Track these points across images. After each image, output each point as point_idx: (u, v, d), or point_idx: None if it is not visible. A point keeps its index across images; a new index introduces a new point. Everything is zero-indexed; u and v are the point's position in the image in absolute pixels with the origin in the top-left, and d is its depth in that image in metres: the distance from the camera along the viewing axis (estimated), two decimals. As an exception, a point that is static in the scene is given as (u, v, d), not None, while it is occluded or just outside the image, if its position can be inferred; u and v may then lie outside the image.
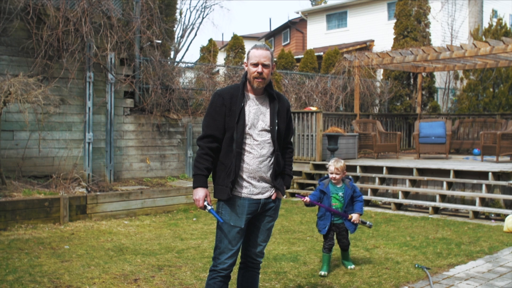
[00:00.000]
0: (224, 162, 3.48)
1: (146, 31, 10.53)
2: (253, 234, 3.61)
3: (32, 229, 7.20)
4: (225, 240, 3.48)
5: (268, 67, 3.49)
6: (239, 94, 3.50)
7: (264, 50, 3.49)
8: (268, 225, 3.64)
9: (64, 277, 4.92)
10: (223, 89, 3.59)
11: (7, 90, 7.76)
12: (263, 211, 3.58)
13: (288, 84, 13.76)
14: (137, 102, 10.47)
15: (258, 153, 3.49)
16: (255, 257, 3.67)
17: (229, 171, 3.44)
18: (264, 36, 31.75)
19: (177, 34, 15.03)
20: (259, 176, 3.51)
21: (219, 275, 3.50)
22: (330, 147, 11.45)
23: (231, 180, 3.42)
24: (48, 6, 8.92)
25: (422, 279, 5.04)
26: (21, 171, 8.72)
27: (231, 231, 3.48)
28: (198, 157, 3.48)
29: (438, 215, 8.96)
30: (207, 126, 3.50)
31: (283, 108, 3.63)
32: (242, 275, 3.73)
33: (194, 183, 3.50)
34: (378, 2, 21.84)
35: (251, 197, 3.50)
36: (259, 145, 3.50)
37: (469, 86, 16.15)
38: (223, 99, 3.48)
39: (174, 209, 9.08)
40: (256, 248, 3.64)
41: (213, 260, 3.56)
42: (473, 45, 11.71)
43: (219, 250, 3.51)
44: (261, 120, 3.53)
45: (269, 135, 3.53)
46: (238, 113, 3.44)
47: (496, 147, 11.14)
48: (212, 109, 3.50)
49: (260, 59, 3.46)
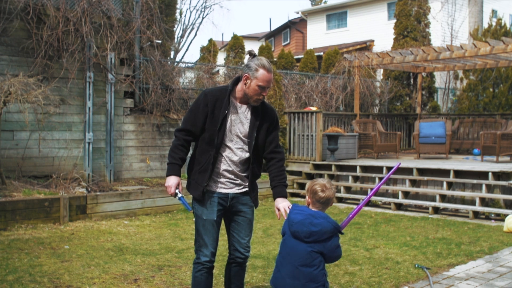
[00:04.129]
0: (199, 159, 3.66)
1: (146, 31, 10.52)
2: (235, 229, 3.78)
3: (32, 229, 7.20)
4: (201, 233, 3.66)
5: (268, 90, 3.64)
6: (225, 100, 3.60)
7: (271, 74, 3.58)
8: (247, 219, 3.78)
9: (64, 277, 4.92)
10: (211, 90, 3.71)
11: (7, 90, 7.76)
12: (237, 205, 3.71)
13: (288, 84, 13.76)
14: (137, 102, 10.47)
15: (230, 158, 3.64)
16: (243, 252, 3.81)
17: (203, 170, 3.60)
18: (264, 36, 31.73)
19: (177, 34, 15.03)
20: (229, 175, 3.66)
21: (204, 267, 3.67)
22: (330, 147, 11.45)
23: (206, 182, 3.60)
24: (48, 6, 8.92)
25: (422, 279, 5.04)
26: (21, 171, 8.72)
27: (205, 224, 3.64)
28: (174, 147, 3.68)
29: (438, 215, 8.96)
30: (186, 121, 3.68)
31: (268, 121, 3.70)
32: (230, 269, 3.89)
33: (167, 171, 3.68)
34: (378, 2, 21.84)
35: (220, 191, 3.65)
36: (232, 151, 3.64)
37: (469, 86, 16.15)
38: (208, 100, 3.61)
39: (174, 209, 9.08)
40: (241, 243, 3.79)
41: (195, 253, 3.72)
42: (473, 45, 11.71)
43: (198, 244, 3.69)
44: (238, 128, 3.65)
45: (243, 145, 3.66)
46: (221, 119, 3.57)
47: (496, 147, 11.14)
48: (196, 107, 3.66)
49: (269, 83, 3.57)
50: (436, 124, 12.57)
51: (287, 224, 3.34)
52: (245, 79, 3.57)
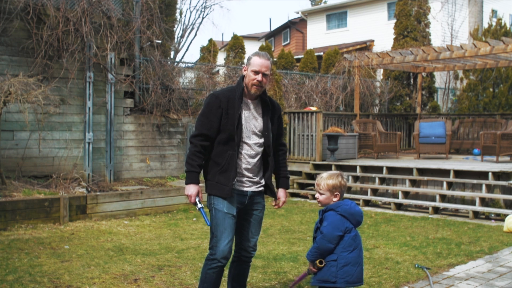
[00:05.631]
0: (217, 161, 3.65)
1: (146, 31, 10.52)
2: (245, 228, 3.80)
3: (32, 229, 7.20)
4: (220, 227, 3.62)
5: (267, 76, 3.66)
6: (236, 98, 3.65)
7: (265, 59, 3.64)
8: (258, 218, 3.84)
9: (64, 277, 4.91)
10: (220, 92, 3.75)
11: (7, 90, 7.76)
12: (251, 204, 3.76)
13: (288, 84, 13.76)
14: (137, 102, 10.47)
15: (248, 154, 3.68)
16: (249, 250, 3.85)
17: (224, 170, 3.61)
18: (264, 36, 31.72)
19: (177, 34, 15.05)
20: (248, 173, 3.70)
21: (218, 265, 3.63)
22: (330, 147, 11.45)
23: (232, 182, 3.60)
24: (48, 6, 8.92)
25: (422, 279, 5.04)
26: (21, 171, 8.72)
27: (226, 218, 3.63)
28: (191, 154, 3.65)
29: (438, 215, 8.96)
30: (201, 126, 3.65)
31: (275, 114, 3.84)
32: (234, 268, 3.90)
33: (187, 179, 3.66)
34: (378, 2, 21.84)
35: (240, 189, 3.69)
36: (250, 147, 3.69)
37: (469, 86, 16.15)
38: (220, 101, 3.63)
39: (174, 209, 9.07)
40: (250, 241, 3.82)
41: (210, 249, 3.67)
42: (473, 45, 11.71)
43: (216, 239, 3.63)
44: (253, 124, 3.71)
45: (259, 139, 3.72)
46: (237, 117, 3.60)
47: (496, 147, 11.14)
48: (208, 110, 3.65)
49: (262, 68, 3.62)
50: (436, 124, 12.57)
51: (351, 218, 3.43)
52: (243, 72, 3.71)
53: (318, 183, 3.54)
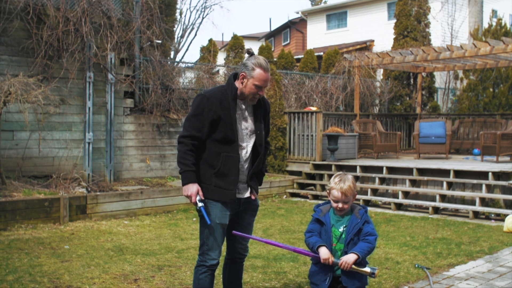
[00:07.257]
0: (211, 163, 3.53)
1: (146, 31, 10.52)
2: (238, 231, 3.74)
3: (32, 229, 7.20)
4: (212, 237, 3.57)
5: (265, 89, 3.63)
6: (230, 100, 3.52)
7: (268, 73, 3.53)
8: (250, 221, 3.83)
9: (64, 277, 4.91)
10: (211, 93, 3.56)
11: (7, 90, 7.76)
12: (244, 209, 3.72)
13: (288, 84, 13.76)
14: (137, 102, 10.47)
15: (241, 156, 3.59)
16: (242, 252, 3.84)
17: (221, 173, 3.51)
18: (264, 36, 31.73)
19: (177, 34, 15.05)
20: (243, 178, 3.64)
21: (210, 270, 3.62)
22: (330, 147, 11.45)
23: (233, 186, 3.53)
24: (48, 6, 8.91)
25: (422, 279, 5.04)
26: (21, 171, 8.72)
27: (217, 228, 3.57)
28: (183, 154, 3.49)
29: (438, 215, 8.96)
30: (192, 127, 3.49)
31: (267, 112, 3.78)
32: (228, 269, 3.90)
33: (184, 180, 3.51)
34: (378, 2, 21.84)
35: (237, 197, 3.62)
36: (243, 149, 3.61)
37: (469, 86, 16.15)
38: (212, 103, 3.48)
39: (174, 209, 9.08)
40: (242, 244, 3.82)
41: (200, 256, 3.63)
42: (473, 45, 11.71)
43: (207, 247, 3.59)
44: (244, 125, 3.61)
45: (249, 140, 3.64)
46: (234, 121, 3.50)
47: (496, 147, 11.14)
48: (199, 112, 3.49)
49: (265, 83, 3.52)
50: (436, 124, 12.57)
51: None
52: (241, 78, 3.53)
53: (344, 192, 3.33)
